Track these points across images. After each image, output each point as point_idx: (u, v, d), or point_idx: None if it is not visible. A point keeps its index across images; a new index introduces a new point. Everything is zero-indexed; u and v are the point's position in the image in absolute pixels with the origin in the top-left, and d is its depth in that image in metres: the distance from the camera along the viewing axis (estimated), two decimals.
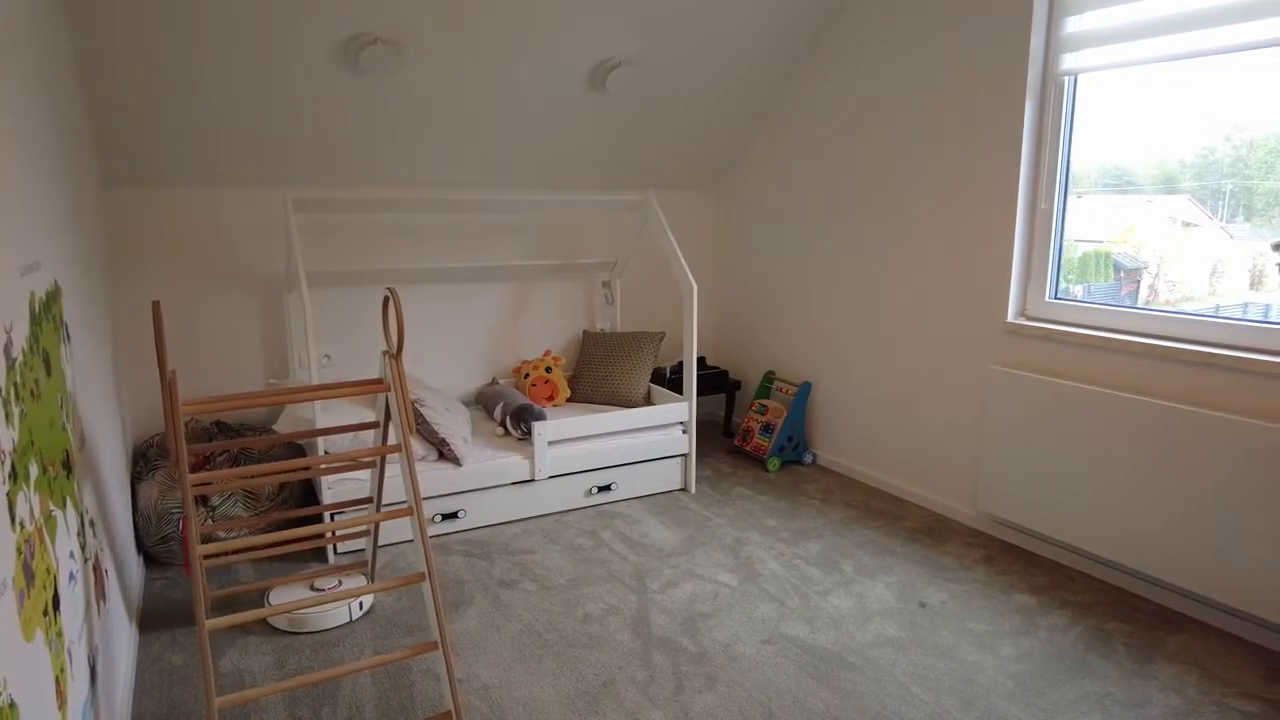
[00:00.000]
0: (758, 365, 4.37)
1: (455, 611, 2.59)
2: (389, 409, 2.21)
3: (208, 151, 3.14)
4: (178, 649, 2.37)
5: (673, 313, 4.52)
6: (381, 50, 2.86)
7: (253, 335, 3.51)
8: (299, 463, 2.06)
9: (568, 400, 3.84)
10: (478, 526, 3.23)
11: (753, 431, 4.01)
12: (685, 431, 3.58)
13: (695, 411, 3.57)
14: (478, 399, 3.87)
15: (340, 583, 2.63)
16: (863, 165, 3.54)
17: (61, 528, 1.52)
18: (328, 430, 2.35)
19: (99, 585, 1.88)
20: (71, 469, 1.71)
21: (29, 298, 1.48)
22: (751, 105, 3.92)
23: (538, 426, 3.25)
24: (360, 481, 2.97)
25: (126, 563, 2.44)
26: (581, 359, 3.99)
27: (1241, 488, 2.31)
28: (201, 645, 1.76)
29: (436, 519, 3.14)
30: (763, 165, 4.14)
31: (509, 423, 3.39)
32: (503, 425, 3.44)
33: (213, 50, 2.71)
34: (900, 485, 3.55)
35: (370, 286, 3.68)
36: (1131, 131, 2.71)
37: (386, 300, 2.14)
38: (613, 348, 3.89)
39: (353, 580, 2.68)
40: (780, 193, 4.05)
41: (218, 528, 2.79)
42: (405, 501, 2.65)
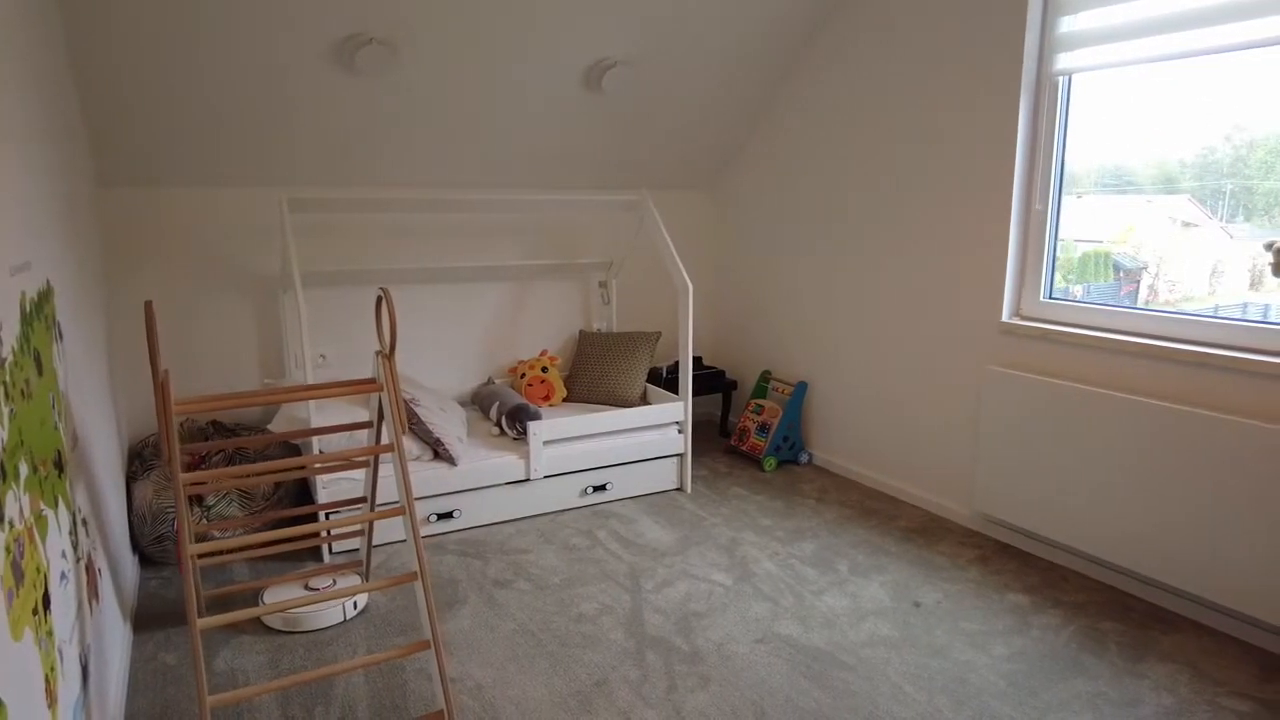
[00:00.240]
0: (754, 365, 4.37)
1: (449, 611, 2.59)
2: (382, 408, 2.21)
3: (204, 151, 3.14)
4: (172, 648, 2.38)
5: (669, 313, 4.52)
6: (377, 50, 2.86)
7: (249, 335, 3.51)
8: (293, 462, 2.06)
9: (564, 400, 3.84)
10: (473, 526, 3.23)
11: (749, 431, 4.01)
12: (681, 431, 3.58)
13: (691, 411, 3.57)
14: (473, 399, 3.87)
15: (335, 582, 2.64)
16: (858, 165, 3.55)
17: (53, 527, 1.53)
18: (322, 430, 2.36)
19: (92, 584, 1.88)
20: (63, 468, 1.71)
21: (19, 297, 1.48)
22: (746, 105, 3.92)
23: (533, 426, 3.25)
24: (355, 481, 2.97)
25: (120, 562, 2.44)
26: (577, 359, 3.99)
27: (1237, 488, 2.32)
28: (193, 644, 1.76)
29: (431, 518, 3.14)
30: (758, 165, 4.14)
31: (504, 422, 3.39)
32: (498, 425, 3.44)
33: (209, 49, 2.72)
34: (895, 485, 3.55)
35: (366, 286, 3.68)
36: (1131, 131, 2.70)
37: (379, 300, 2.14)
38: (609, 347, 3.90)
39: (347, 580, 2.68)
40: (776, 193, 4.05)
41: (213, 527, 2.79)
42: (399, 501, 2.65)
